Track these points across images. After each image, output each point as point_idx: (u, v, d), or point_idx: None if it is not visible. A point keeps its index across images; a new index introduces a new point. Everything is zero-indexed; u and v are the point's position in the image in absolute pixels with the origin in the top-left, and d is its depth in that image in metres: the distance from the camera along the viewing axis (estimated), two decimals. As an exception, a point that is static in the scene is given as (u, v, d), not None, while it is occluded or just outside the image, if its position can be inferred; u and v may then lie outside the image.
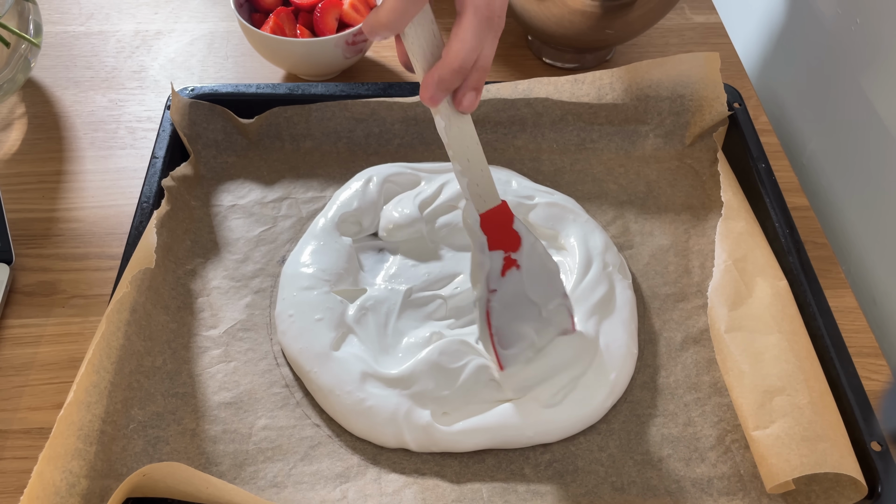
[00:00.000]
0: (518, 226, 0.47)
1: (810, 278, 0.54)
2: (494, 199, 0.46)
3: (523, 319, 0.49)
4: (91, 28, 0.80)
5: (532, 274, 0.48)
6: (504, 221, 0.46)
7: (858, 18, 0.66)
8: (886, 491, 0.45)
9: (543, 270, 0.49)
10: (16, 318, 0.56)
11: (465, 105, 0.43)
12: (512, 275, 0.47)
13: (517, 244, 0.47)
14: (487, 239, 0.46)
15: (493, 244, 0.46)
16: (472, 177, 0.45)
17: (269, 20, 0.69)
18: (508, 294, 0.48)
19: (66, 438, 0.44)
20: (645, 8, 0.66)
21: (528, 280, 0.48)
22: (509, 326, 0.48)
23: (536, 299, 0.49)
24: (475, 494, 0.47)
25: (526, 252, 0.47)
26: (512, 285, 0.48)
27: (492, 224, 0.46)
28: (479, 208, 0.46)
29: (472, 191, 0.45)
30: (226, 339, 0.53)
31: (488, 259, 0.46)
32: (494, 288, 0.47)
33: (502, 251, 0.47)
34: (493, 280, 0.47)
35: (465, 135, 0.44)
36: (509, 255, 0.47)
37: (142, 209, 0.56)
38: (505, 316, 0.48)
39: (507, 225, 0.47)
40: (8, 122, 0.70)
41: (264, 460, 0.48)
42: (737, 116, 0.64)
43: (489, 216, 0.46)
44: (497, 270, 0.47)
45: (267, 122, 0.64)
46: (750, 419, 0.48)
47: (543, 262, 0.49)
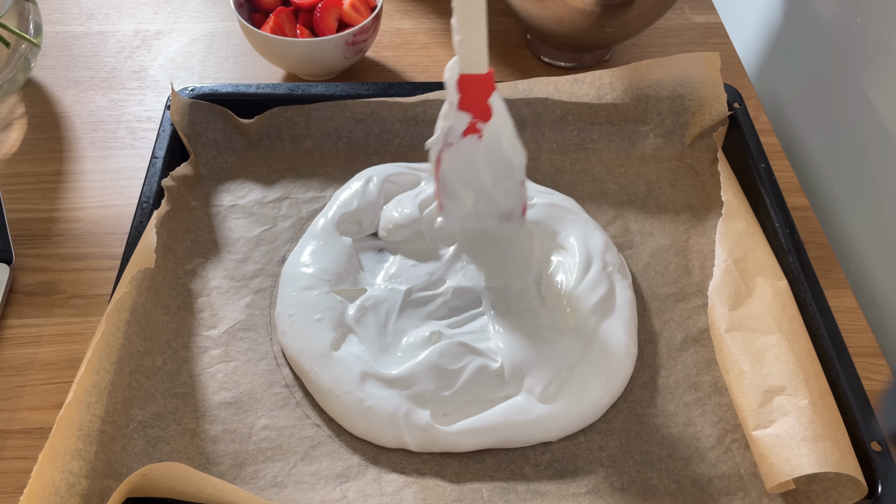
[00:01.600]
0: (496, 102, 0.47)
1: (810, 278, 0.54)
2: (481, 67, 0.46)
3: (468, 183, 0.51)
4: (91, 28, 0.80)
5: (491, 148, 0.49)
6: (482, 91, 0.47)
7: (858, 19, 0.66)
8: (886, 491, 0.45)
9: (501, 154, 0.49)
10: (16, 318, 0.56)
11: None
12: (471, 140, 0.48)
13: (487, 117, 0.47)
14: (459, 98, 0.47)
15: (462, 105, 0.47)
16: (465, 36, 0.45)
17: (269, 20, 0.69)
18: (461, 154, 0.49)
19: (66, 438, 0.44)
20: (644, 7, 0.66)
21: (485, 151, 0.49)
22: (455, 180, 0.50)
23: (487, 173, 0.50)
24: (475, 494, 0.47)
25: (492, 128, 0.48)
26: (467, 148, 0.49)
27: (469, 88, 0.47)
28: (462, 69, 0.46)
29: (462, 50, 0.45)
30: (226, 339, 0.53)
31: (454, 116, 0.48)
32: (451, 142, 0.49)
33: (470, 115, 0.48)
34: (451, 135, 0.48)
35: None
36: (476, 122, 0.48)
37: (142, 209, 0.56)
38: (452, 171, 0.50)
39: (485, 95, 0.47)
40: (8, 122, 0.70)
41: (264, 460, 0.48)
42: (737, 116, 0.64)
43: (469, 80, 0.46)
44: (459, 129, 0.48)
45: (267, 122, 0.64)
46: (750, 419, 0.48)
47: (507, 145, 0.49)
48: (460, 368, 0.50)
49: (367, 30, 0.69)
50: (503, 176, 0.50)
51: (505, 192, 0.51)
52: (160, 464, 0.42)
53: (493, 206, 0.52)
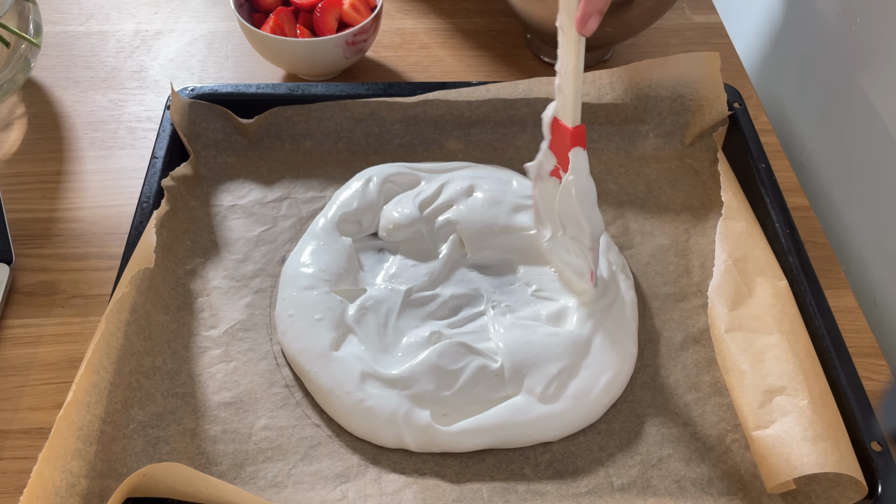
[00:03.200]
0: (575, 157, 0.50)
1: (810, 278, 0.54)
2: (572, 119, 0.49)
3: (548, 219, 0.55)
4: (91, 28, 0.80)
5: (565, 201, 0.51)
6: (564, 141, 0.50)
7: (858, 18, 0.66)
8: (886, 491, 0.45)
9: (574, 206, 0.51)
10: (16, 318, 0.56)
11: (588, 28, 0.46)
12: (554, 181, 0.52)
13: (565, 167, 0.51)
14: (550, 139, 0.52)
15: (552, 146, 0.52)
16: (563, 84, 0.49)
17: (269, 20, 0.69)
18: (546, 190, 0.54)
19: (66, 438, 0.44)
20: (644, 7, 0.66)
21: (560, 200, 0.52)
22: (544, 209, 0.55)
23: (561, 217, 0.53)
24: (475, 494, 0.47)
25: (565, 181, 0.51)
26: (550, 187, 0.53)
27: (557, 132, 0.51)
28: (557, 113, 0.50)
29: (559, 96, 0.49)
30: (226, 339, 0.53)
31: (543, 154, 0.53)
32: (541, 175, 0.54)
33: (555, 159, 0.52)
34: (542, 168, 0.53)
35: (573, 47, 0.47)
36: (557, 167, 0.52)
37: (142, 209, 0.56)
38: (542, 199, 0.55)
39: (566, 147, 0.50)
40: (8, 122, 0.70)
41: (264, 460, 0.48)
42: (737, 116, 0.64)
43: (558, 125, 0.50)
44: (548, 167, 0.53)
45: (267, 122, 0.64)
46: (750, 419, 0.48)
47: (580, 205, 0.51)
48: (460, 369, 0.50)
49: (367, 30, 0.69)
50: (576, 231, 0.52)
51: (576, 248, 0.53)
52: (160, 464, 0.42)
53: (565, 254, 0.55)
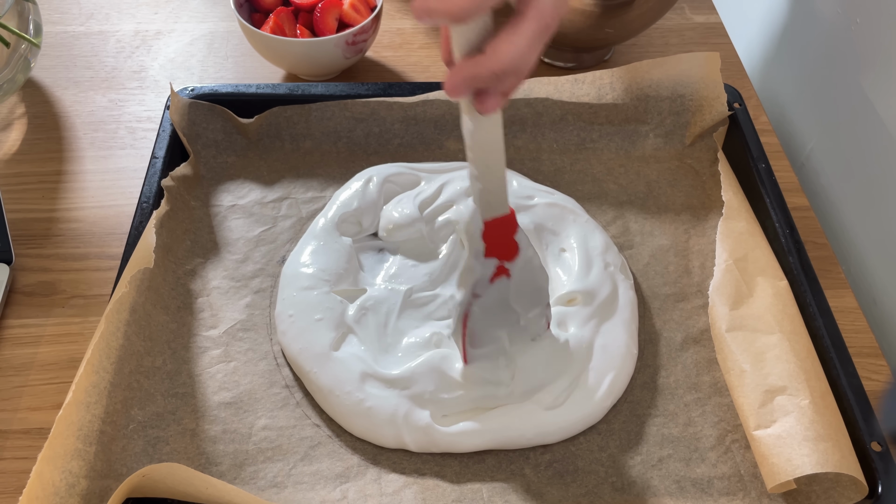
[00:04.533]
0: (520, 236, 0.45)
1: (810, 278, 0.54)
2: (503, 208, 0.44)
3: (500, 325, 0.48)
4: (91, 28, 0.80)
5: (520, 284, 0.47)
6: (507, 231, 0.45)
7: (858, 18, 0.66)
8: (886, 491, 0.45)
9: (532, 283, 0.47)
10: (16, 318, 0.56)
11: (488, 107, 0.38)
12: (500, 282, 0.46)
13: (514, 255, 0.45)
14: (485, 247, 0.44)
15: (489, 252, 0.45)
16: (486, 184, 0.42)
17: (269, 20, 0.69)
18: (491, 300, 0.46)
19: (66, 439, 0.44)
20: (644, 7, 0.66)
21: (515, 289, 0.47)
22: (485, 329, 0.48)
23: (518, 308, 0.47)
24: (475, 494, 0.47)
25: (520, 264, 0.46)
26: (497, 292, 0.46)
27: (494, 233, 0.44)
28: (485, 215, 0.43)
29: (483, 198, 0.43)
30: (226, 340, 0.53)
31: (480, 266, 0.45)
32: (479, 293, 0.46)
33: (497, 259, 0.45)
34: (479, 286, 0.46)
35: (491, 140, 0.41)
36: (503, 263, 0.45)
37: (142, 209, 0.56)
38: (483, 320, 0.47)
39: (510, 234, 0.45)
40: (8, 122, 0.70)
41: (264, 460, 0.48)
42: (737, 116, 0.64)
43: (493, 225, 0.44)
44: (487, 277, 0.45)
45: (267, 122, 0.64)
46: (751, 419, 0.48)
47: (535, 276, 0.47)
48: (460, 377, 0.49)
49: (367, 30, 0.69)
50: (534, 303, 0.48)
51: (535, 319, 0.49)
52: (160, 465, 0.42)
53: (524, 336, 0.49)
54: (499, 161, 0.42)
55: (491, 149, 0.41)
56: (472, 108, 0.38)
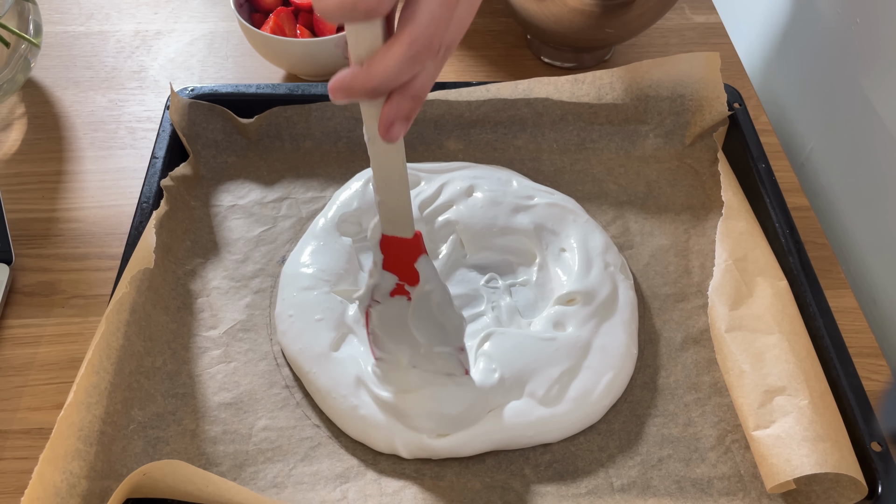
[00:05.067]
0: (423, 267, 0.44)
1: (810, 278, 0.54)
2: (406, 230, 0.42)
3: (400, 341, 0.47)
4: (91, 28, 0.80)
5: (421, 314, 0.45)
6: (407, 254, 0.43)
7: (858, 18, 0.66)
8: (886, 491, 0.45)
9: (434, 319, 0.46)
10: (16, 318, 0.56)
11: (391, 134, 0.37)
12: (399, 300, 0.45)
13: (414, 281, 0.44)
14: (383, 259, 0.44)
15: (387, 266, 0.44)
16: (384, 198, 0.41)
17: (269, 20, 0.69)
18: (390, 313, 0.46)
19: (66, 439, 0.44)
20: (644, 7, 0.66)
21: (415, 316, 0.45)
22: (385, 337, 0.47)
23: (420, 335, 0.46)
24: (475, 495, 0.47)
25: (420, 294, 0.44)
26: (396, 308, 0.45)
27: (392, 249, 0.43)
28: (385, 230, 0.43)
29: (383, 211, 0.42)
30: (226, 340, 0.53)
31: (379, 275, 0.44)
32: (378, 300, 0.45)
33: (397, 277, 0.44)
34: (378, 293, 0.45)
35: (389, 156, 0.40)
36: (403, 284, 0.44)
37: (142, 209, 0.56)
38: (383, 327, 0.47)
39: (410, 259, 0.43)
40: (8, 122, 0.70)
41: (264, 461, 0.48)
42: (737, 116, 0.64)
43: (392, 242, 0.43)
44: (386, 289, 0.45)
45: (267, 122, 0.64)
46: (750, 419, 0.48)
47: (438, 313, 0.45)
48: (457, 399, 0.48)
49: (367, 30, 0.69)
50: (439, 340, 0.46)
51: (443, 355, 0.47)
52: (160, 462, 0.42)
53: (433, 366, 0.48)
54: (398, 179, 0.41)
55: (391, 164, 0.40)
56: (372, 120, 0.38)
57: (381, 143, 0.38)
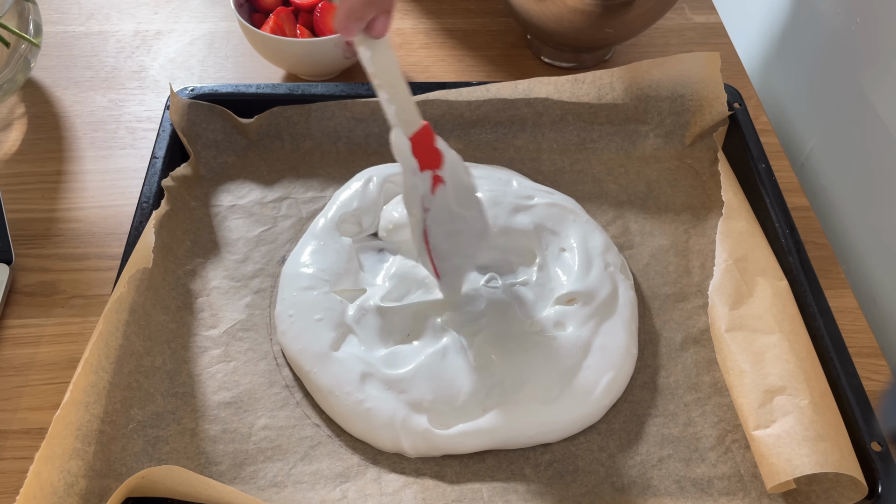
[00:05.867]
0: (439, 143, 0.48)
1: (810, 278, 0.54)
2: (418, 122, 0.47)
3: (454, 231, 0.51)
4: (91, 28, 0.80)
5: (455, 186, 0.49)
6: (429, 140, 0.48)
7: (858, 18, 0.66)
8: (886, 491, 0.45)
9: (463, 181, 0.50)
10: (16, 318, 0.56)
11: (377, 30, 0.43)
12: (440, 191, 0.49)
13: (440, 160, 0.48)
14: (419, 162, 0.47)
15: (423, 165, 0.47)
16: (399, 104, 0.46)
17: (269, 20, 0.69)
18: (440, 210, 0.49)
19: (64, 438, 0.44)
20: (644, 7, 0.66)
21: (454, 192, 0.49)
22: (443, 240, 0.50)
23: (461, 210, 0.50)
24: (475, 494, 0.47)
25: (448, 166, 0.49)
26: (441, 201, 0.49)
27: (420, 146, 0.47)
28: (408, 133, 0.46)
29: (400, 117, 0.46)
30: (226, 339, 0.53)
31: (421, 181, 0.48)
32: (428, 207, 0.49)
33: (430, 170, 0.48)
34: (426, 199, 0.48)
35: (389, 63, 0.45)
36: (436, 172, 0.48)
37: (142, 209, 0.56)
38: (439, 232, 0.50)
39: (432, 144, 0.48)
40: (8, 122, 0.70)
41: (264, 460, 0.48)
42: (737, 116, 0.64)
43: (417, 139, 0.47)
44: (428, 189, 0.48)
45: (267, 122, 0.64)
46: (751, 418, 0.48)
47: (463, 174, 0.50)
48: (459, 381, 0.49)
49: (367, 30, 0.69)
50: (471, 202, 0.51)
51: (477, 216, 0.51)
52: (159, 467, 0.42)
53: (472, 235, 0.52)
54: (400, 79, 0.46)
55: (391, 69, 0.45)
56: (365, 38, 0.44)
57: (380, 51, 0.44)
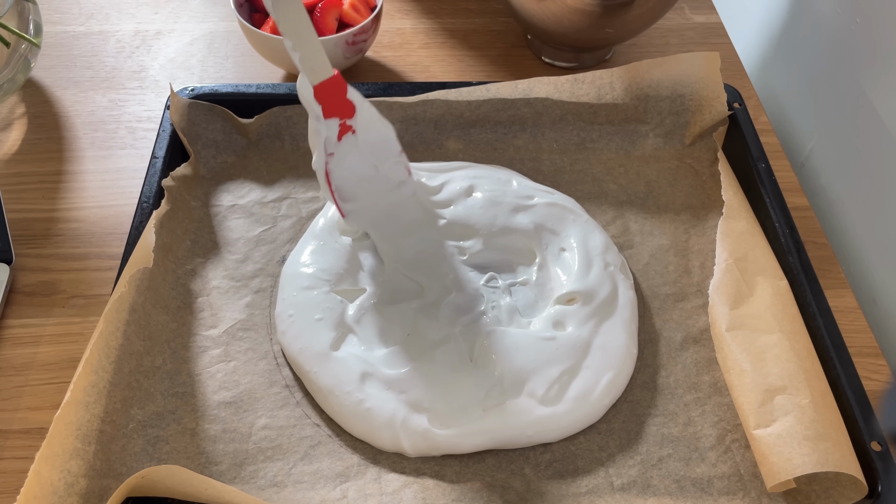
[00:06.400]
0: (352, 94, 0.49)
1: (810, 278, 0.54)
2: (327, 71, 0.47)
3: (361, 177, 0.53)
4: (91, 28, 0.80)
5: (366, 136, 0.51)
6: (338, 92, 0.48)
7: (858, 18, 0.66)
8: (886, 491, 0.45)
9: (377, 134, 0.51)
10: (16, 318, 0.56)
11: None
12: (348, 139, 0.50)
13: (351, 112, 0.49)
14: (322, 108, 0.48)
15: (327, 113, 0.48)
16: (304, 51, 0.46)
17: (269, 20, 0.69)
18: (345, 156, 0.51)
19: (64, 438, 0.44)
20: (644, 7, 0.66)
21: (364, 143, 0.51)
22: (348, 183, 0.52)
23: (373, 158, 0.52)
24: (475, 494, 0.47)
25: (360, 118, 0.50)
26: (348, 148, 0.50)
27: (326, 94, 0.48)
28: (312, 81, 0.47)
29: (305, 64, 0.46)
30: (226, 339, 0.53)
31: (324, 127, 0.49)
32: (332, 152, 0.50)
33: (338, 118, 0.49)
34: (329, 145, 0.50)
35: (294, 12, 0.45)
36: (345, 121, 0.49)
37: (142, 209, 0.56)
38: (343, 175, 0.51)
39: (342, 95, 0.48)
40: (8, 122, 0.70)
41: (264, 460, 0.48)
42: (737, 116, 0.64)
43: (323, 87, 0.47)
44: (333, 136, 0.49)
45: (267, 122, 0.64)
46: (751, 418, 0.48)
47: (377, 127, 0.51)
48: (459, 381, 0.49)
49: (367, 30, 0.69)
50: (385, 155, 0.53)
51: (393, 167, 0.54)
52: (159, 467, 0.42)
53: (388, 184, 0.54)
54: (307, 27, 0.46)
55: (297, 17, 0.45)
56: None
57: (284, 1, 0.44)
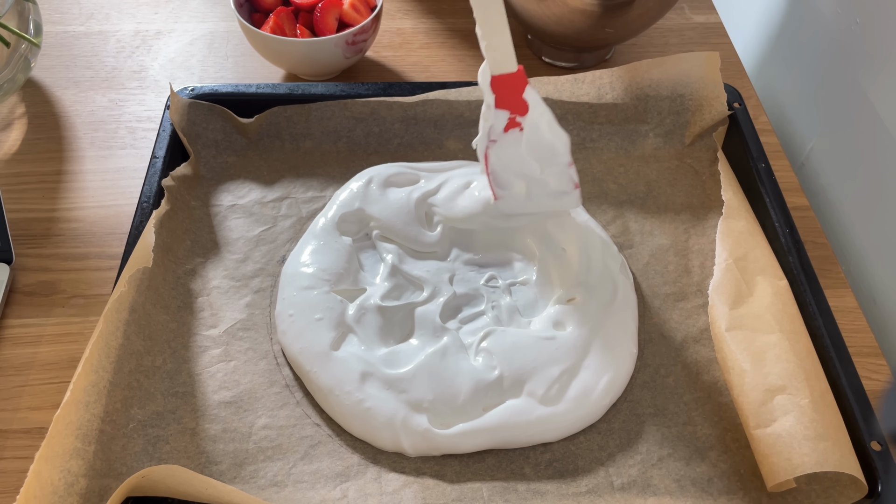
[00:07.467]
0: (530, 95, 0.50)
1: (810, 278, 0.54)
2: (510, 66, 0.49)
3: (518, 172, 0.54)
4: (91, 28, 0.80)
5: (533, 138, 0.52)
6: (516, 88, 0.50)
7: (858, 18, 0.67)
8: (886, 490, 0.45)
9: (545, 138, 0.52)
10: (16, 318, 0.56)
11: None
12: (513, 133, 0.52)
13: (524, 110, 0.51)
14: (495, 98, 0.50)
15: (499, 104, 0.51)
16: (490, 41, 0.48)
17: (269, 20, 0.69)
18: (507, 148, 0.53)
19: (64, 438, 0.44)
20: (644, 7, 0.66)
21: (528, 142, 0.52)
22: (505, 172, 0.54)
23: (534, 161, 0.53)
24: (475, 494, 0.47)
25: (531, 119, 0.51)
26: (511, 142, 0.52)
27: (502, 87, 0.50)
28: (493, 70, 0.49)
29: (490, 54, 0.49)
30: (226, 339, 0.53)
31: (493, 115, 0.51)
32: (494, 139, 0.52)
33: (508, 111, 0.51)
34: (494, 132, 0.52)
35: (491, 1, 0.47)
36: (514, 116, 0.51)
37: (142, 209, 0.56)
38: (501, 164, 0.54)
39: (518, 92, 0.50)
40: (8, 122, 0.70)
41: (264, 459, 0.48)
42: (737, 116, 0.64)
43: (501, 80, 0.50)
44: (500, 126, 0.52)
45: (267, 122, 0.64)
46: (751, 418, 0.48)
47: (548, 132, 0.52)
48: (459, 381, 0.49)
49: (367, 30, 0.69)
50: (550, 161, 0.53)
51: (555, 175, 0.54)
52: (159, 466, 0.42)
53: (546, 189, 0.55)
54: (500, 20, 0.47)
55: (493, 8, 0.47)
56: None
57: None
